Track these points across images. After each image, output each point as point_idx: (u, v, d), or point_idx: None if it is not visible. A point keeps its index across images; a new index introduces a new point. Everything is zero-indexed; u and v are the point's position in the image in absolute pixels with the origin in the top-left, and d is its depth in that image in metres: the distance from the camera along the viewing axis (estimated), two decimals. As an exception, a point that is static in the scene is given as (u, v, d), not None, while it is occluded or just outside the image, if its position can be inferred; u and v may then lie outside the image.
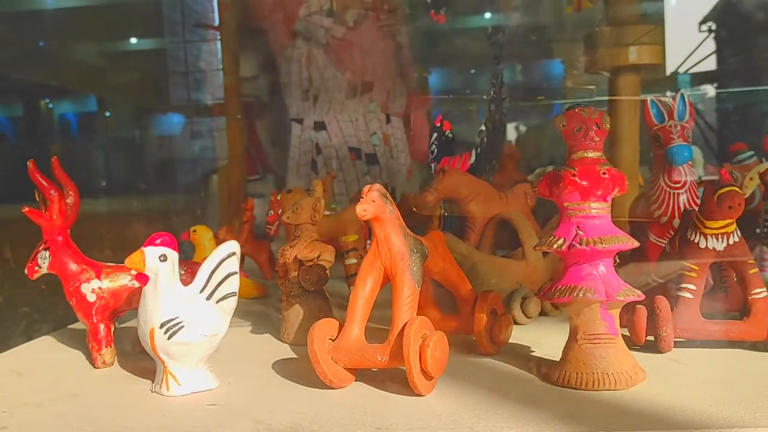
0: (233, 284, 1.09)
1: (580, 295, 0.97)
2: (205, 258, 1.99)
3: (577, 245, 0.98)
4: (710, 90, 4.04)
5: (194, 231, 1.94)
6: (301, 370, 1.12)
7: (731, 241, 1.16)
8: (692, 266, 1.17)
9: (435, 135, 2.22)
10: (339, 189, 2.91)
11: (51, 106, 3.85)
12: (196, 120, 4.10)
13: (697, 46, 3.83)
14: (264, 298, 1.88)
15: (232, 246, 1.10)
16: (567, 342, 1.03)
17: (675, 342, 1.17)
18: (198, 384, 1.07)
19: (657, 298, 1.16)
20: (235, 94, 3.78)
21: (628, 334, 1.17)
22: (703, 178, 2.31)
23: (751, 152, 2.25)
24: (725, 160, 2.33)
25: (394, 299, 1.03)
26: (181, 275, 1.09)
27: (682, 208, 1.55)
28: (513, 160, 2.84)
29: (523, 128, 3.59)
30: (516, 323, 1.41)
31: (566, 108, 1.08)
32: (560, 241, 1.00)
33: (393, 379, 1.06)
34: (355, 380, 1.07)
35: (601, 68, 2.11)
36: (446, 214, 2.02)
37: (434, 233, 1.21)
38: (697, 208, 1.29)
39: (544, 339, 1.28)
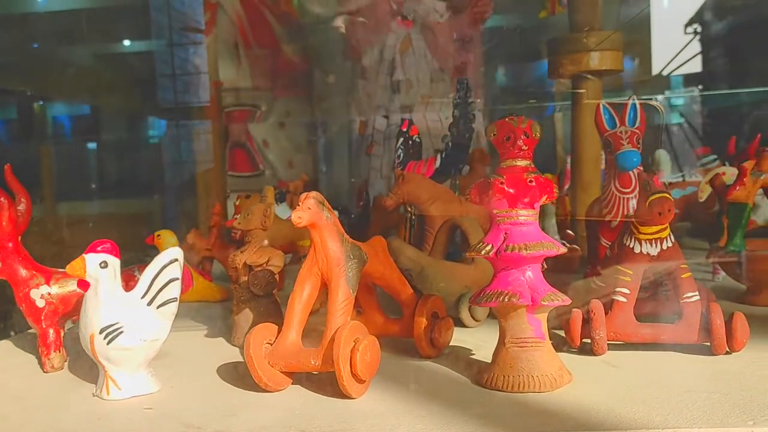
0: (174, 290, 1.11)
1: (506, 299, 1.00)
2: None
3: (504, 251, 1.00)
4: (695, 92, 4.08)
5: (158, 235, 1.95)
6: (244, 374, 1.14)
7: (665, 246, 1.19)
8: (626, 270, 1.20)
9: (401, 140, 2.25)
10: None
11: (42, 107, 3.87)
12: (173, 123, 4.11)
13: (682, 48, 3.86)
14: (227, 302, 1.91)
15: (175, 252, 1.12)
16: (496, 345, 1.05)
17: (611, 345, 1.20)
18: (138, 388, 1.09)
19: (591, 302, 1.19)
20: (215, 97, 3.81)
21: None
22: (671, 182, 2.35)
23: (714, 156, 2.29)
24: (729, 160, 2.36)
25: (328, 304, 1.06)
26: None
27: (631, 213, 1.59)
28: (483, 163, 2.87)
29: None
30: (464, 326, 1.45)
31: (502, 117, 1.11)
32: (488, 247, 1.02)
33: (332, 382, 1.08)
34: (295, 384, 1.10)
35: (563, 74, 2.15)
36: (413, 216, 2.04)
37: (375, 239, 1.23)
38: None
39: (488, 342, 1.29)
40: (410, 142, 2.26)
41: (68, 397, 1.10)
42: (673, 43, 3.66)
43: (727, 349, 1.13)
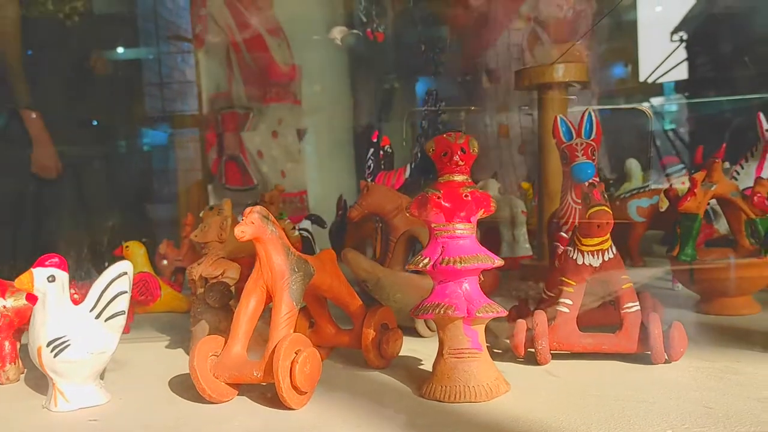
0: (123, 303, 1.13)
1: (442, 311, 1.02)
2: (138, 273, 2.03)
3: (439, 264, 1.03)
4: (681, 99, 4.11)
5: (126, 247, 1.98)
6: (193, 386, 1.16)
7: (606, 258, 1.21)
8: (569, 281, 1.22)
9: (372, 150, 2.28)
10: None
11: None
12: (161, 132, 4.13)
13: (668, 56, 3.90)
14: (193, 313, 1.92)
15: (124, 266, 1.14)
16: (436, 357, 1.08)
17: (557, 355, 1.22)
18: (86, 400, 1.10)
19: (535, 313, 1.21)
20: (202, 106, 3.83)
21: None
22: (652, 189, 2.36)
23: (681, 165, 2.32)
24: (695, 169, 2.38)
25: (272, 317, 1.08)
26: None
27: (586, 223, 1.61)
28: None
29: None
30: (419, 336, 1.47)
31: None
32: (426, 261, 1.05)
33: (275, 393, 1.09)
34: (242, 395, 1.12)
35: (528, 85, 2.18)
36: (381, 226, 2.07)
37: (325, 252, 1.25)
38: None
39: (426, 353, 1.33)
40: (381, 153, 2.29)
41: (17, 409, 1.12)
42: (658, 52, 3.70)
43: (667, 358, 1.16)
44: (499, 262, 1.06)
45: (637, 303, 1.20)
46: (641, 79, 3.71)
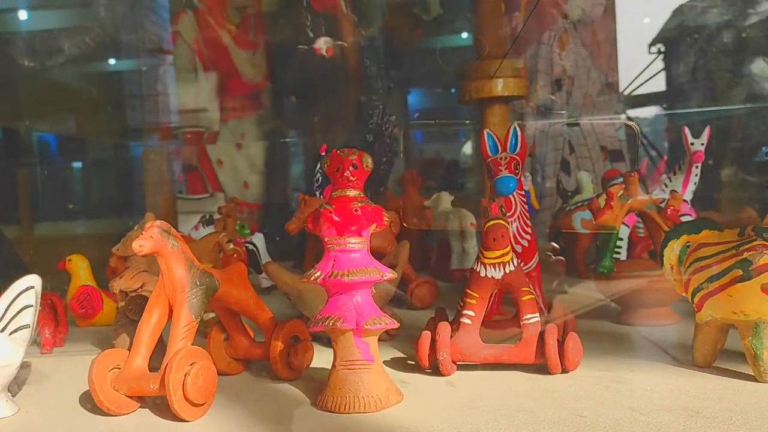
0: (28, 317, 1.15)
1: (331, 324, 1.05)
2: (80, 286, 2.05)
3: (329, 278, 1.05)
4: (658, 111, 4.16)
5: (69, 260, 1.99)
6: (102, 398, 1.19)
7: (507, 270, 1.24)
8: (473, 293, 1.25)
9: (319, 164, 2.31)
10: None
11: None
12: (135, 144, 4.15)
13: (645, 67, 3.95)
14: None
15: (31, 280, 1.16)
16: (330, 368, 1.10)
17: (463, 365, 1.25)
18: (-10, 412, 1.12)
19: (439, 324, 1.24)
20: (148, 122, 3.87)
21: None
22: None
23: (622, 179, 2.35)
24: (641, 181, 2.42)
25: (171, 330, 1.10)
26: None
27: (511, 237, 1.64)
28: (415, 185, 2.94)
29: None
30: None
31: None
32: (317, 274, 1.07)
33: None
34: (144, 407, 1.14)
35: (470, 99, 2.22)
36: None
37: (235, 265, 1.28)
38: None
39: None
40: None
41: (-75, 422, 1.14)
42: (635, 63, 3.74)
43: (564, 368, 1.19)
44: (390, 275, 1.09)
45: (537, 314, 1.23)
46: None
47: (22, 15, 3.48)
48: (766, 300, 1.06)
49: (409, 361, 1.35)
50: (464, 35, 2.86)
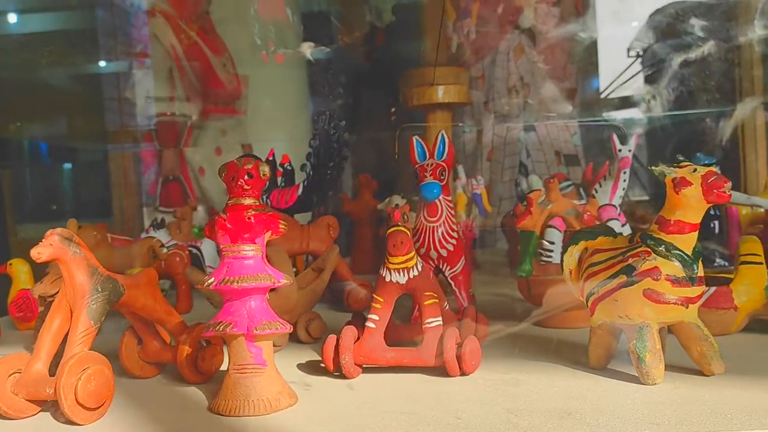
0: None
1: (221, 329, 1.07)
2: (21, 290, 2.05)
3: (220, 284, 1.08)
4: (637, 114, 4.19)
5: (11, 264, 2.01)
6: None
7: (412, 275, 1.27)
8: (378, 298, 1.28)
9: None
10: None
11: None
12: (111, 148, 4.15)
13: (623, 71, 3.99)
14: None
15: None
16: (225, 372, 1.12)
17: (369, 369, 1.28)
18: None
19: (344, 328, 1.26)
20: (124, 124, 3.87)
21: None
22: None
23: (569, 182, 2.38)
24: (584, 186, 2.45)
25: (69, 335, 1.12)
26: None
27: (437, 242, 1.67)
28: (369, 188, 2.97)
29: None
30: (301, 342, 1.53)
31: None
32: (211, 280, 1.10)
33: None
34: (46, 411, 1.15)
35: (414, 105, 2.25)
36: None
37: (146, 270, 1.30)
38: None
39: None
40: (280, 170, 2.33)
41: None
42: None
43: (462, 371, 1.21)
44: (283, 282, 1.11)
45: (439, 318, 1.25)
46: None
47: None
48: (647, 304, 1.09)
49: (322, 365, 1.37)
50: (414, 42, 2.90)
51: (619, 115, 3.65)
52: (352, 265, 2.62)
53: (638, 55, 4.13)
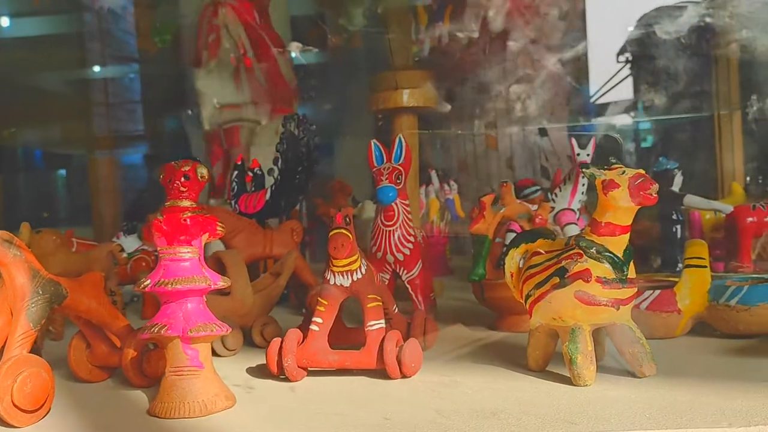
0: None
1: (157, 331, 1.08)
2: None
3: (154, 286, 1.09)
4: (627, 119, 4.21)
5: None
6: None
7: (355, 278, 1.28)
8: (322, 301, 1.29)
9: (236, 173, 2.33)
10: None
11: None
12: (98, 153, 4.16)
13: (612, 76, 4.01)
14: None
15: None
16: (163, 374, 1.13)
17: (314, 371, 1.28)
18: None
19: (288, 331, 1.27)
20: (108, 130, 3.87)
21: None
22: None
23: (537, 187, 2.39)
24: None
25: (8, 338, 1.12)
26: None
27: (393, 246, 1.69)
28: (344, 193, 2.98)
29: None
30: (216, 355, 1.52)
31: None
32: (146, 282, 1.11)
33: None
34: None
35: (379, 109, 2.26)
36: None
37: (91, 274, 1.30)
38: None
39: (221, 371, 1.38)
40: (249, 175, 2.33)
41: None
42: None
43: (402, 374, 1.22)
44: (220, 284, 1.12)
45: (381, 321, 1.26)
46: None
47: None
48: (579, 306, 1.11)
49: (270, 368, 1.37)
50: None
51: (606, 122, 3.69)
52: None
53: (627, 61, 4.16)
